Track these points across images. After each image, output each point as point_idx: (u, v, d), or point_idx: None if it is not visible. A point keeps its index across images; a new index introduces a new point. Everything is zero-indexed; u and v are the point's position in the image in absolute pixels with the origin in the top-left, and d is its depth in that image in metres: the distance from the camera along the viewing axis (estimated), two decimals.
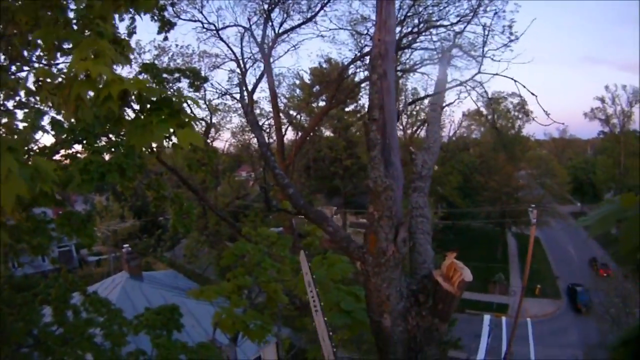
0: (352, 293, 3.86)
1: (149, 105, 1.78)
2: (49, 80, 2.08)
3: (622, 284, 24.75)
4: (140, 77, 10.64)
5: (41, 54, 5.14)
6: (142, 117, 1.79)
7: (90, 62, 1.72)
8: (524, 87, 3.41)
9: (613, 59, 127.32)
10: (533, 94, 3.48)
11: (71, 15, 2.61)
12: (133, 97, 1.78)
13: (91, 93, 1.74)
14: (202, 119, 24.00)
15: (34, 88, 5.59)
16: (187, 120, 1.83)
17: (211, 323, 5.01)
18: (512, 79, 3.24)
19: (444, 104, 4.32)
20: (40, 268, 21.34)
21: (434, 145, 3.74)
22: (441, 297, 2.67)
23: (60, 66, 6.33)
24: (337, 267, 4.17)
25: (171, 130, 1.78)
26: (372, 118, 2.60)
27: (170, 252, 36.74)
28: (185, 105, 1.84)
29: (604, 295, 25.16)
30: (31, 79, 2.33)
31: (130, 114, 1.89)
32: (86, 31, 2.33)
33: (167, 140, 1.84)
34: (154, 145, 1.89)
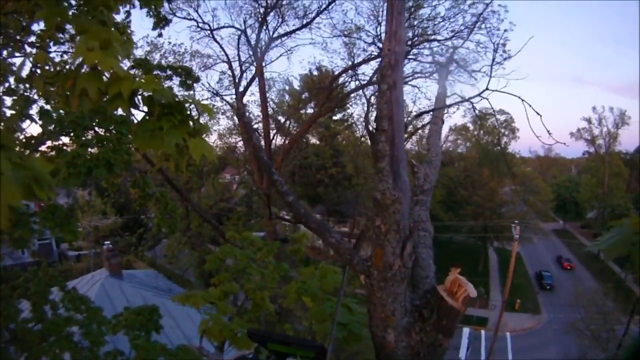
0: (344, 305, 3.78)
1: (158, 109, 1.67)
2: (47, 67, 1.97)
3: (603, 301, 25.06)
4: (132, 72, 10.52)
5: (34, 40, 5.03)
6: (150, 120, 1.67)
7: (100, 54, 1.60)
8: (530, 105, 3.39)
9: (601, 81, 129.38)
10: (538, 114, 3.46)
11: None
12: (142, 99, 1.67)
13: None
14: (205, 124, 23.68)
15: (29, 75, 5.48)
16: (198, 129, 1.73)
17: (198, 331, 4.90)
18: (518, 97, 3.22)
19: (444, 118, 4.29)
20: (20, 260, 20.99)
21: (435, 159, 3.72)
22: (445, 312, 2.63)
23: (52, 55, 6.22)
24: (329, 278, 4.10)
25: (181, 138, 1.67)
26: (381, 129, 2.54)
27: (151, 252, 36.41)
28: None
29: (584, 312, 25.44)
30: (28, 64, 2.22)
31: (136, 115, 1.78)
32: (89, 18, 2.21)
33: (177, 147, 1.73)
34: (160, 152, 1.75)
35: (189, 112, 1.71)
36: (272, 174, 3.25)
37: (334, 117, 38.17)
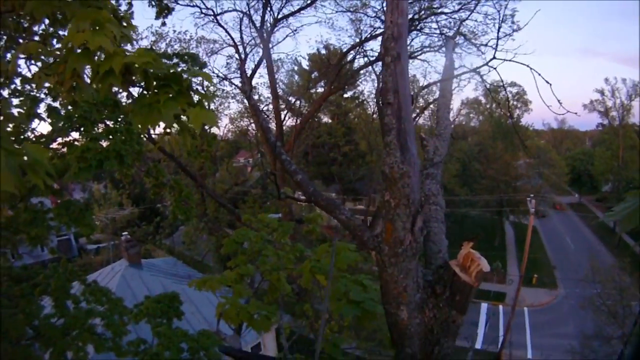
0: (359, 282, 3.75)
1: (155, 83, 1.62)
2: (42, 57, 1.94)
3: (619, 276, 24.85)
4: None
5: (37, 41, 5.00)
6: (148, 95, 1.63)
7: (88, 33, 1.55)
8: (539, 74, 3.29)
9: (613, 52, 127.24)
10: (548, 82, 3.37)
11: None
12: (137, 74, 1.62)
13: (90, 69, 1.59)
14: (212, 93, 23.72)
15: (25, 68, 5.46)
16: (198, 98, 1.69)
17: (215, 314, 4.92)
18: (527, 66, 3.14)
19: (453, 91, 4.20)
20: (40, 258, 21.27)
21: (444, 132, 3.64)
22: (459, 288, 2.57)
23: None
24: (343, 256, 4.06)
25: (181, 109, 1.63)
26: (387, 102, 2.47)
27: (169, 239, 36.74)
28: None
29: (601, 287, 25.24)
30: (22, 57, 2.17)
31: (134, 94, 1.73)
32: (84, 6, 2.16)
33: (178, 121, 1.69)
34: (161, 126, 1.70)
35: (187, 83, 1.66)
36: (281, 154, 3.21)
37: (345, 95, 37.97)
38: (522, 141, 38.38)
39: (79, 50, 1.60)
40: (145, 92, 1.64)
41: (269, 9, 18.73)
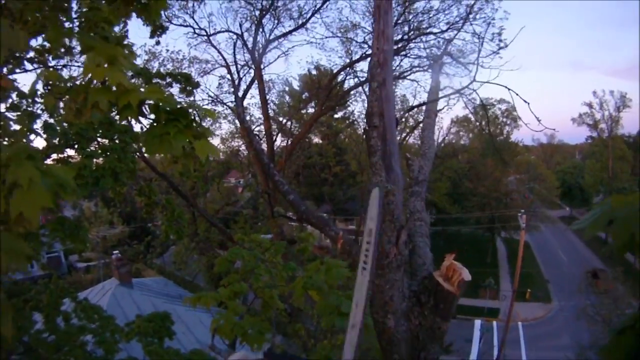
0: (349, 297, 3.87)
1: (164, 116, 1.81)
2: (58, 84, 2.11)
3: (613, 285, 25.04)
4: (133, 81, 10.63)
5: (32, 56, 5.15)
6: (158, 126, 1.81)
7: (108, 69, 1.74)
8: (517, 94, 3.48)
9: (601, 65, 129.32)
10: (525, 102, 3.56)
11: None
12: (149, 107, 1.81)
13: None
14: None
15: (31, 90, 5.59)
16: (202, 132, 1.87)
17: (210, 329, 5.01)
18: (505, 86, 3.32)
19: (437, 111, 4.41)
20: (29, 274, 21.12)
21: (429, 151, 3.82)
22: (442, 296, 2.75)
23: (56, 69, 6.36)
24: (334, 272, 4.18)
25: (187, 141, 1.82)
26: (373, 125, 2.65)
27: (160, 259, 36.55)
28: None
29: (595, 297, 25.40)
30: (40, 82, 2.33)
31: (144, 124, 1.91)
32: (91, 34, 2.34)
33: (183, 150, 1.87)
34: (170, 155, 1.90)
35: (192, 117, 1.85)
36: (273, 175, 3.38)
37: (335, 116, 38.15)
38: (503, 160, 38.70)
39: (96, 82, 1.78)
40: (155, 123, 1.82)
41: (261, 30, 19.00)
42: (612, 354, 1.53)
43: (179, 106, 1.81)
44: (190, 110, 1.84)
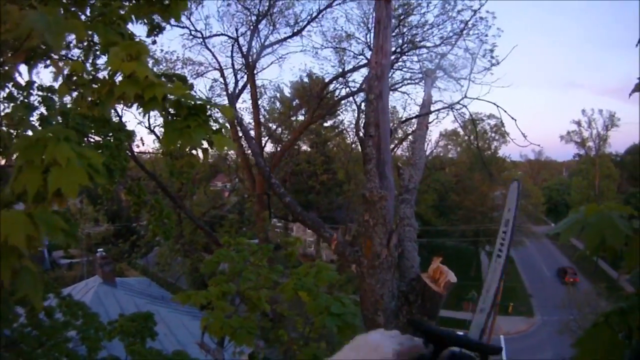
0: (338, 299, 3.98)
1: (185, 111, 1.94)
2: (82, 75, 2.22)
3: (596, 302, 25.31)
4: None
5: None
6: (178, 120, 1.93)
7: (135, 63, 1.87)
8: (505, 111, 3.62)
9: (591, 84, 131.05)
10: (513, 118, 3.71)
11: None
12: (169, 102, 1.93)
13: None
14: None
15: (28, 82, 5.64)
16: (218, 127, 2.01)
17: (200, 327, 5.08)
18: (494, 103, 3.47)
19: (431, 123, 4.59)
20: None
21: (419, 162, 3.98)
22: (429, 297, 2.91)
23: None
24: (324, 275, 4.29)
25: (207, 134, 1.95)
26: (369, 134, 2.80)
27: (144, 260, 36.31)
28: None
29: (578, 312, 25.65)
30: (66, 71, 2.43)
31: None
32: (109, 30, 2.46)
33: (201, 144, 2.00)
34: (188, 148, 2.03)
35: (209, 113, 1.98)
36: (270, 178, 3.50)
37: (325, 124, 38.27)
38: (488, 169, 39.00)
39: (120, 76, 1.91)
40: (176, 118, 1.94)
41: (256, 35, 19.12)
42: (586, 346, 1.66)
43: (199, 102, 1.94)
44: (208, 107, 1.96)
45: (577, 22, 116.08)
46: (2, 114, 5.59)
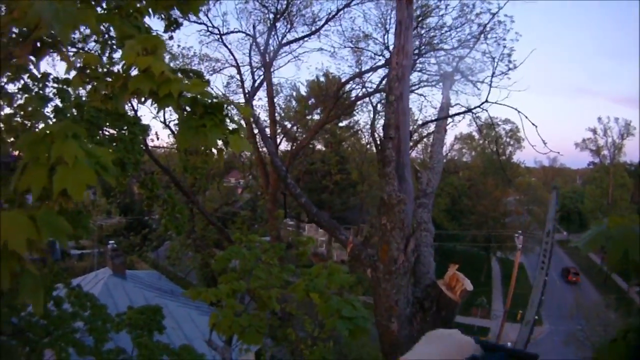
0: (349, 302, 3.92)
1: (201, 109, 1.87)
2: (95, 68, 2.17)
3: (605, 313, 25.03)
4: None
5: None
6: (194, 119, 1.87)
7: (151, 58, 1.80)
8: (526, 117, 3.52)
9: (607, 92, 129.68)
10: (534, 125, 3.61)
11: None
12: (186, 99, 1.87)
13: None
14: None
15: (43, 74, 5.64)
16: (235, 127, 1.95)
17: (208, 324, 5.05)
18: (515, 109, 3.37)
19: (447, 127, 4.48)
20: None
21: (437, 166, 3.90)
22: (444, 304, 2.82)
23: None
24: (336, 277, 4.23)
25: (223, 135, 1.88)
26: (389, 136, 2.73)
27: (154, 253, 36.44)
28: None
29: (586, 323, 25.38)
30: (78, 63, 2.38)
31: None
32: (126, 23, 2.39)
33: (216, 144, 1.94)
34: (203, 148, 1.96)
35: (227, 113, 1.91)
36: (286, 178, 3.43)
37: (340, 124, 38.19)
38: (508, 179, 38.67)
39: (135, 70, 1.85)
40: (192, 116, 1.88)
41: (273, 33, 19.10)
42: (605, 358, 1.63)
43: (215, 100, 1.87)
44: (225, 105, 1.90)
45: (591, 28, 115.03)
46: (16, 105, 5.60)
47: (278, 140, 24.19)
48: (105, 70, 2.24)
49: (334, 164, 40.14)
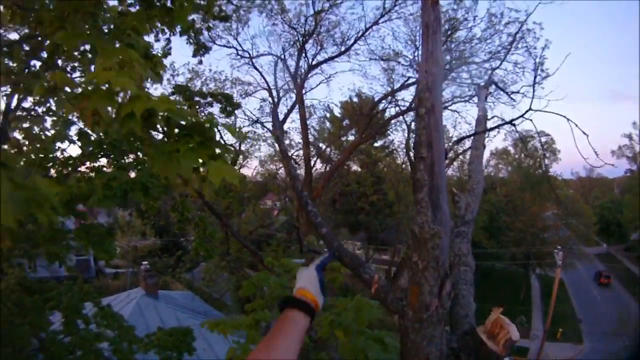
0: (379, 339, 3.57)
1: (177, 130, 1.55)
2: (67, 88, 1.91)
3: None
4: (172, 98, 10.73)
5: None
6: (168, 142, 1.56)
7: (114, 73, 1.50)
8: (576, 125, 3.14)
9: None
10: (585, 133, 3.22)
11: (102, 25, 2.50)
12: (160, 119, 1.55)
13: (110, 109, 1.54)
14: (232, 146, 24.29)
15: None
16: (219, 151, 1.60)
17: (225, 359, 4.77)
18: (564, 116, 3.00)
19: (485, 142, 4.06)
20: (56, 273, 21.38)
21: (477, 187, 3.46)
22: (485, 357, 2.35)
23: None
24: (365, 312, 3.89)
25: (201, 161, 1.55)
26: (420, 156, 2.34)
27: (190, 274, 36.62)
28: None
29: (629, 340, 24.58)
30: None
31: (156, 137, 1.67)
32: (116, 43, 2.15)
33: (196, 172, 1.60)
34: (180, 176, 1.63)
35: (211, 134, 1.57)
36: (307, 205, 3.02)
37: (375, 144, 37.96)
38: (553, 190, 37.52)
39: (103, 88, 1.56)
40: (166, 139, 1.57)
41: (303, 54, 19.10)
42: None
43: (193, 120, 1.54)
44: (208, 125, 1.56)
45: (620, 30, 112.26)
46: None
47: (312, 162, 24.14)
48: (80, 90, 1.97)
49: (369, 184, 39.72)
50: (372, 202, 40.66)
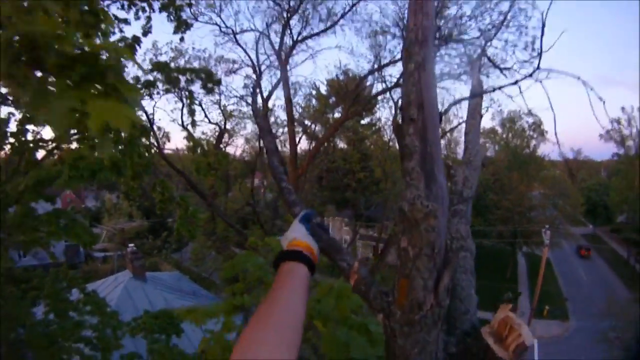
0: (364, 327, 3.18)
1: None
2: None
3: (635, 310, 24.71)
4: (151, 75, 10.35)
5: None
6: (42, 78, 1.12)
7: None
8: (592, 89, 2.80)
9: (630, 81, 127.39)
10: (601, 99, 2.88)
11: None
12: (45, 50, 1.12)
13: None
14: (217, 124, 24.02)
15: None
16: (115, 88, 1.12)
17: (197, 351, 4.44)
18: (577, 77, 2.63)
19: (482, 111, 3.66)
20: (45, 260, 21.15)
21: (475, 159, 3.00)
22: None
23: None
24: (347, 300, 3.50)
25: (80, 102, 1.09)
26: (410, 118, 1.85)
27: (178, 254, 36.61)
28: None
29: (615, 320, 24.93)
30: None
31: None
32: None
33: (80, 114, 1.13)
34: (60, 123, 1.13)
35: (103, 66, 1.12)
36: (281, 181, 2.57)
37: (362, 122, 37.79)
38: (537, 170, 37.68)
39: None
40: (46, 73, 1.13)
41: (288, 31, 18.76)
42: None
43: (79, 50, 1.11)
44: (99, 54, 1.11)
45: (614, 15, 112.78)
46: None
47: (297, 139, 23.98)
48: None
49: (356, 161, 39.68)
50: (358, 179, 40.68)
